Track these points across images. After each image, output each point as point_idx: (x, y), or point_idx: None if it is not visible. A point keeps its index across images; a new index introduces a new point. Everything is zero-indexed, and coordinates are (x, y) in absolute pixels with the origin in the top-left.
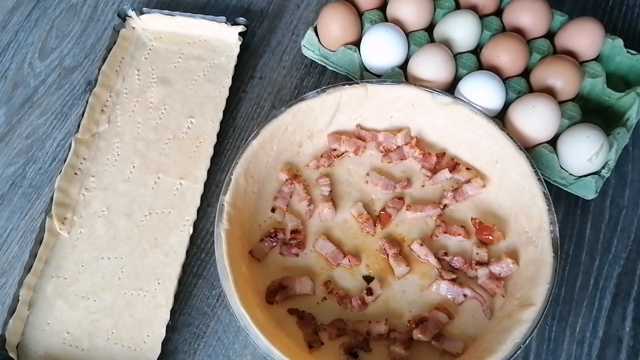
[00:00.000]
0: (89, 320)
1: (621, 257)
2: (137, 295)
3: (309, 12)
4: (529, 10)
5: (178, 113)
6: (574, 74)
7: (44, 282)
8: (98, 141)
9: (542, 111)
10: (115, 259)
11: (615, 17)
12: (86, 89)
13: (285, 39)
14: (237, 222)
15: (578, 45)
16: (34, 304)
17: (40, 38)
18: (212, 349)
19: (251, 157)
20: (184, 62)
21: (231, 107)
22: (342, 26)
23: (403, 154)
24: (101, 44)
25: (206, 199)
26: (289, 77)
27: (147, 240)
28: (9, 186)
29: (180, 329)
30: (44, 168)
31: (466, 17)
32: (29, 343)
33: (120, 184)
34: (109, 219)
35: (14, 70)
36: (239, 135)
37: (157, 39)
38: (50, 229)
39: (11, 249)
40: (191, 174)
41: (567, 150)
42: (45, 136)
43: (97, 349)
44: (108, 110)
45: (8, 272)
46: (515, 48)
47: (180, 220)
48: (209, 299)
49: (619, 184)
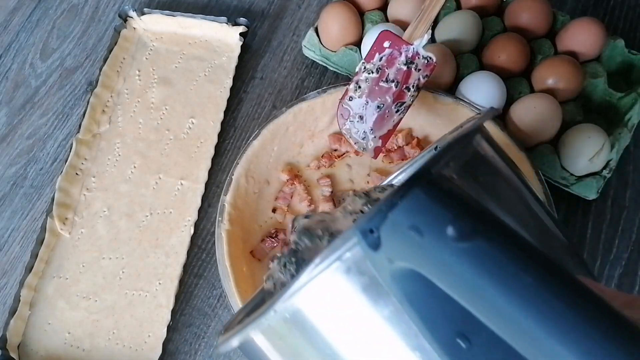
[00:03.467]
0: (90, 320)
1: (622, 257)
2: (138, 295)
3: (309, 13)
4: (530, 10)
5: (179, 113)
6: (575, 74)
7: (45, 283)
8: (99, 141)
9: (543, 111)
10: (116, 259)
11: (617, 17)
12: (87, 89)
13: (286, 39)
14: (238, 222)
15: (579, 45)
16: (35, 304)
17: (41, 39)
18: (213, 349)
19: (252, 158)
20: (185, 62)
21: (232, 108)
22: (343, 26)
23: (404, 154)
24: (102, 44)
25: (207, 199)
26: (290, 77)
27: (148, 241)
28: (10, 186)
29: (181, 329)
30: (45, 168)
31: (467, 18)
32: (30, 343)
33: (121, 185)
34: (110, 220)
35: (15, 70)
36: (240, 135)
37: (158, 40)
38: (51, 230)
39: (12, 249)
40: (192, 175)
41: (568, 150)
42: (47, 136)
43: (98, 349)
44: (109, 111)
45: (9, 273)
46: (516, 48)
47: (181, 220)
48: (209, 299)
49: (620, 185)
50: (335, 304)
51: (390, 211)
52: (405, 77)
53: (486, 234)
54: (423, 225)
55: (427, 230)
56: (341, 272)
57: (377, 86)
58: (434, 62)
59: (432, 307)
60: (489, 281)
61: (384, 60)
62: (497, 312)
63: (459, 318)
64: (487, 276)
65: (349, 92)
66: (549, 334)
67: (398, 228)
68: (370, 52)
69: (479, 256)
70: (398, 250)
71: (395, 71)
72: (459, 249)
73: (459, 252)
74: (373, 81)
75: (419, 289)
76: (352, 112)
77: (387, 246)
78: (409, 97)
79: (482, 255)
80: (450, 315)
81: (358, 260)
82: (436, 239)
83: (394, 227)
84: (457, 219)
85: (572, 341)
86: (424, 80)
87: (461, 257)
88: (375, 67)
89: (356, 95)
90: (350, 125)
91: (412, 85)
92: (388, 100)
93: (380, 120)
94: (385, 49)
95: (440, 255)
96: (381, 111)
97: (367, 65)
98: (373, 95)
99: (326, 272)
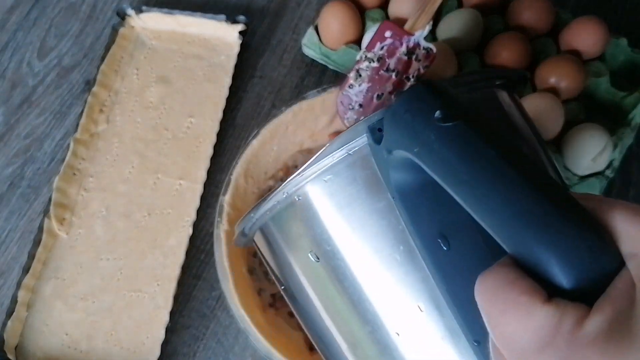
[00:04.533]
0: (87, 321)
1: None
2: (136, 296)
3: (309, 11)
4: (532, 8)
5: (177, 112)
6: (577, 73)
7: (42, 284)
8: (97, 141)
9: (546, 110)
10: (114, 260)
11: (619, 15)
12: (85, 88)
13: (285, 37)
14: None
15: (582, 44)
16: (33, 306)
17: (39, 37)
18: (211, 351)
19: (251, 157)
20: (184, 61)
21: (231, 107)
22: (343, 25)
23: None
24: (100, 43)
25: (206, 199)
26: (290, 76)
27: (146, 241)
28: (7, 187)
29: (180, 331)
30: (43, 168)
31: (469, 16)
32: (27, 344)
33: (119, 185)
34: (108, 220)
35: (12, 69)
36: (239, 134)
37: (156, 38)
38: (48, 230)
39: (9, 250)
40: (191, 174)
41: (571, 150)
42: (44, 136)
43: (95, 350)
44: (107, 110)
45: (6, 273)
46: (518, 47)
47: (179, 221)
48: (208, 300)
49: (623, 184)
50: (336, 193)
51: (394, 103)
52: (406, 67)
53: (467, 118)
54: (416, 110)
55: (418, 113)
56: (348, 163)
57: (378, 75)
58: (434, 52)
59: (421, 204)
60: (462, 157)
61: (384, 50)
62: (467, 188)
63: (442, 220)
64: (461, 152)
65: (350, 80)
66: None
67: (396, 115)
68: (371, 41)
69: (458, 134)
70: (393, 136)
71: (395, 61)
72: (441, 128)
73: (441, 130)
74: (373, 70)
75: (412, 182)
76: (353, 100)
77: (387, 137)
78: (408, 87)
79: (460, 134)
80: (434, 216)
81: (364, 154)
82: (424, 120)
83: (393, 115)
84: (445, 106)
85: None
86: (424, 70)
87: (442, 135)
88: (376, 56)
89: (356, 84)
90: (351, 113)
91: (412, 75)
92: (388, 89)
93: (379, 108)
94: (386, 39)
95: (426, 133)
96: (381, 100)
97: (368, 54)
98: (373, 83)
99: (334, 163)
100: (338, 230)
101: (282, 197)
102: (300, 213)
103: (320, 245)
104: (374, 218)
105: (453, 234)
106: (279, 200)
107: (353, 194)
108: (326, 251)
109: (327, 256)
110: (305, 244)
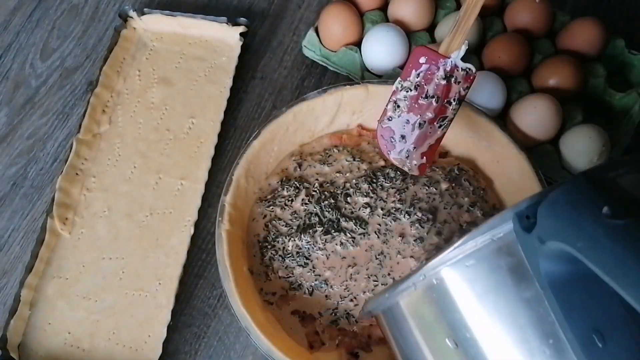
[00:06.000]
0: (90, 320)
1: None
2: (138, 295)
3: (309, 13)
4: (530, 10)
5: (179, 113)
6: (575, 74)
7: (45, 283)
8: (99, 142)
9: (544, 111)
10: (116, 259)
11: (617, 17)
12: (87, 89)
13: (286, 39)
14: (238, 222)
15: (579, 45)
16: (35, 305)
17: (41, 39)
18: (213, 350)
19: (252, 158)
20: (185, 62)
21: (232, 108)
22: (343, 26)
23: None
24: (102, 44)
25: (207, 199)
26: (290, 77)
27: (148, 241)
28: (10, 186)
29: (181, 330)
30: (45, 168)
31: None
32: (30, 343)
33: (122, 185)
34: (110, 220)
35: (15, 70)
36: (240, 135)
37: (158, 40)
38: (51, 230)
39: (12, 250)
40: (192, 175)
41: (569, 150)
42: (47, 137)
43: (98, 349)
44: (109, 111)
45: (9, 273)
46: (516, 48)
47: (181, 220)
48: (210, 299)
49: None
50: (478, 279)
51: (551, 192)
52: (446, 91)
53: (639, 215)
54: (579, 203)
55: (582, 207)
56: (492, 250)
57: (417, 103)
58: (474, 72)
59: (574, 297)
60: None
61: (421, 77)
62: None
63: (597, 315)
64: (635, 252)
65: (388, 112)
66: None
67: (556, 204)
68: (405, 69)
69: (631, 233)
70: (551, 227)
71: (434, 86)
72: (612, 225)
73: (612, 228)
74: (412, 99)
75: (565, 274)
76: (395, 132)
77: (540, 225)
78: (450, 111)
79: (634, 233)
80: (590, 309)
81: (510, 241)
82: (591, 215)
83: (551, 204)
84: (613, 200)
85: None
86: (464, 92)
87: (613, 233)
88: (413, 84)
89: (396, 115)
90: (396, 150)
91: (453, 99)
92: (429, 116)
93: (423, 137)
94: (421, 65)
95: (593, 229)
96: (423, 128)
97: (404, 83)
98: (413, 112)
99: (478, 248)
100: (480, 318)
101: (420, 279)
102: (438, 296)
103: (460, 331)
104: (521, 308)
105: (609, 330)
106: (415, 282)
107: (497, 281)
108: (466, 338)
109: (467, 343)
110: (442, 329)
